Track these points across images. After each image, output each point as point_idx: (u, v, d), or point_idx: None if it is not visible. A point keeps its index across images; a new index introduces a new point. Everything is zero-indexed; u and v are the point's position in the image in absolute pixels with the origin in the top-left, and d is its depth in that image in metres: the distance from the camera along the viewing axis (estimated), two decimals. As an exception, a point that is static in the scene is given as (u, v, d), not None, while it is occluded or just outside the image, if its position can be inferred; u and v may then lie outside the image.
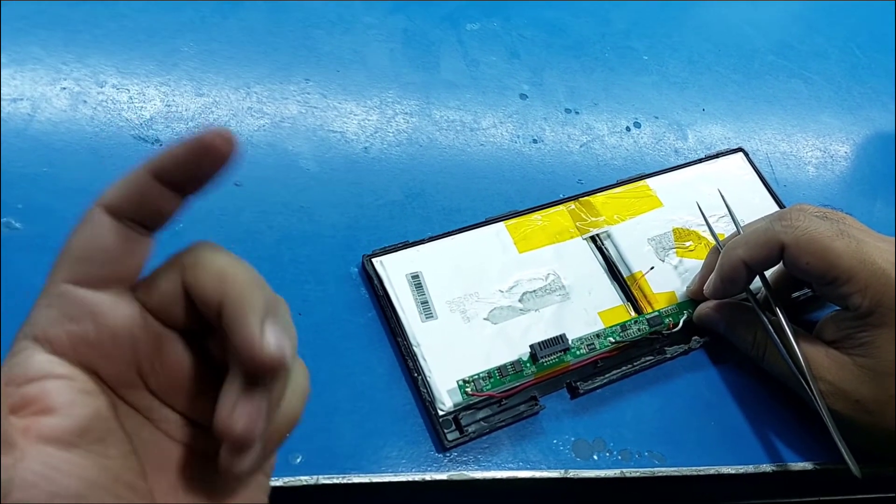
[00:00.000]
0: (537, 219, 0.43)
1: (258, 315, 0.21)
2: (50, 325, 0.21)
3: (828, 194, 0.52)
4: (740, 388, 0.41)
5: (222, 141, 0.22)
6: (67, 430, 0.20)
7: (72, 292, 0.21)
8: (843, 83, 0.60)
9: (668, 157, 0.50)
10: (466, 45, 0.52)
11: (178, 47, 0.45)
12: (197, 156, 0.22)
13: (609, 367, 0.39)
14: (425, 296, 0.39)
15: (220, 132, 0.22)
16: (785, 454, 0.39)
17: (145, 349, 0.23)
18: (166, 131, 0.42)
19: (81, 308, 0.21)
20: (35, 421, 0.20)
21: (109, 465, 0.21)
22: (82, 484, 0.20)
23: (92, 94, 0.42)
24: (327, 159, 0.44)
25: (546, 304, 0.40)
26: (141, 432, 0.23)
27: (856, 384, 0.35)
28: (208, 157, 0.22)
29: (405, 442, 0.35)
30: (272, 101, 0.45)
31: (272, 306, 0.22)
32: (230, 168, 0.23)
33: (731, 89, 0.56)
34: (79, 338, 0.21)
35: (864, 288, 0.34)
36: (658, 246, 0.44)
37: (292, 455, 0.33)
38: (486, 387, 0.37)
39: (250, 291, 0.22)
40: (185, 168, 0.22)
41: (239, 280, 0.22)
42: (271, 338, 0.21)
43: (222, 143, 0.22)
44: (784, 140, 0.54)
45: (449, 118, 0.48)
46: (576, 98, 0.52)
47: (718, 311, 0.41)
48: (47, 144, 0.39)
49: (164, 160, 0.22)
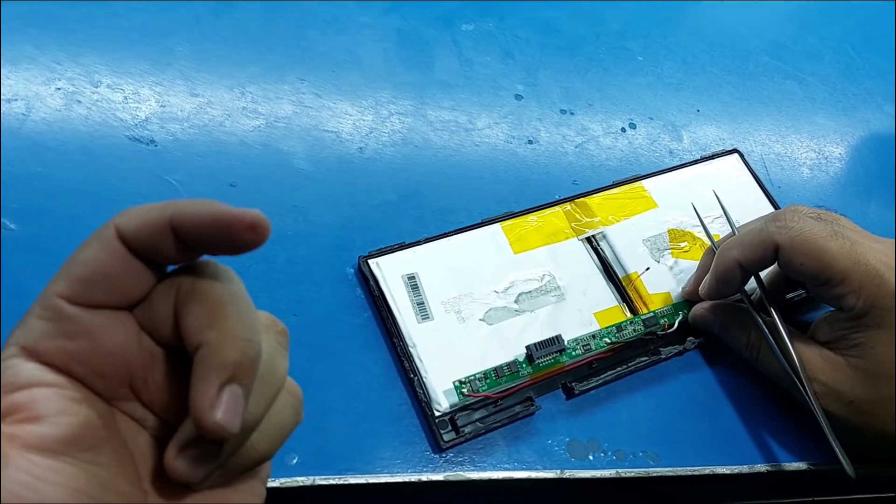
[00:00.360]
0: (533, 220, 0.43)
1: (221, 378, 0.20)
2: (43, 337, 0.21)
3: (822, 195, 0.52)
4: (735, 389, 0.41)
5: (252, 234, 0.21)
6: (54, 439, 0.20)
7: (68, 309, 0.21)
8: (838, 84, 0.60)
9: (663, 158, 0.50)
10: (461, 45, 0.52)
11: (172, 47, 0.45)
12: (221, 235, 0.22)
13: (604, 368, 0.39)
14: (421, 297, 0.39)
15: (256, 222, 0.21)
16: (779, 454, 0.39)
17: (139, 367, 0.22)
18: (161, 131, 0.41)
19: (77, 326, 0.21)
20: (21, 429, 0.20)
21: (99, 472, 0.21)
22: (67, 492, 0.19)
23: (86, 94, 0.42)
24: (322, 159, 0.43)
25: (541, 305, 0.40)
26: (137, 439, 0.23)
27: (850, 385, 0.35)
28: (232, 242, 0.22)
29: (401, 442, 0.35)
30: (266, 101, 0.45)
31: (246, 363, 0.21)
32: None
33: (725, 90, 0.56)
34: (72, 354, 0.21)
35: (859, 289, 0.35)
36: (653, 247, 0.44)
37: (288, 456, 0.33)
38: (483, 387, 0.37)
39: (229, 344, 0.21)
40: (205, 240, 0.22)
41: (225, 327, 0.21)
42: (219, 411, 0.20)
43: (251, 236, 0.21)
44: (778, 141, 0.54)
45: (444, 118, 0.48)
46: (571, 99, 0.52)
47: (713, 312, 0.41)
48: (41, 144, 0.39)
49: (188, 221, 0.21)
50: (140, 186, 0.39)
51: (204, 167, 0.41)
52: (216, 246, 0.22)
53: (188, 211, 0.22)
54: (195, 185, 0.40)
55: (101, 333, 0.21)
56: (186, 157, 0.41)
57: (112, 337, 0.22)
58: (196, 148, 0.41)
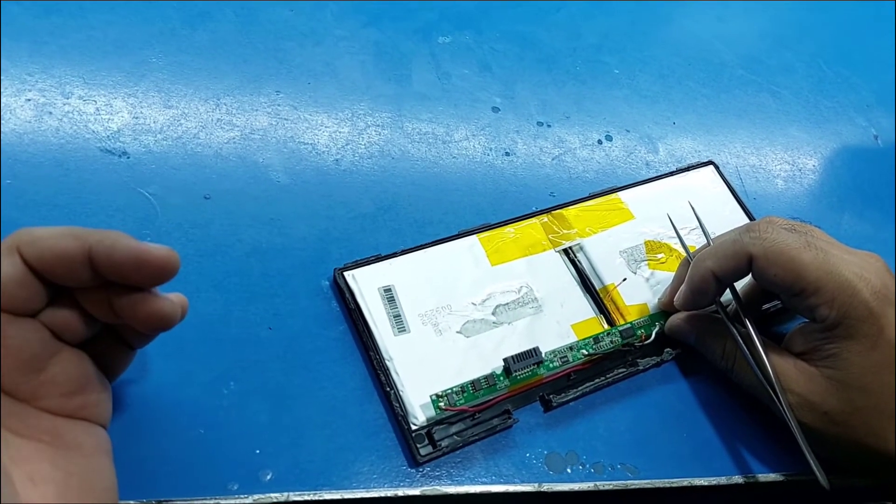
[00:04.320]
0: (510, 231, 0.43)
1: None
2: None
3: (797, 207, 0.53)
4: (711, 400, 0.41)
5: (163, 274, 0.26)
6: None
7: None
8: (811, 97, 0.61)
9: (640, 169, 0.51)
10: (438, 57, 0.52)
11: (146, 59, 0.45)
12: (138, 271, 0.25)
13: (582, 380, 0.39)
14: (398, 309, 0.38)
15: (169, 262, 0.26)
16: (755, 466, 0.39)
17: None
18: (134, 143, 0.41)
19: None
20: None
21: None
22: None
23: (57, 106, 0.41)
24: (298, 171, 0.43)
25: (519, 317, 0.40)
26: None
27: (824, 396, 0.35)
28: (146, 278, 0.26)
29: (377, 457, 0.35)
30: (242, 113, 0.45)
31: None
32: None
33: (700, 103, 0.57)
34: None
35: (831, 300, 0.35)
36: (630, 258, 0.44)
37: (262, 472, 0.33)
38: (460, 401, 0.36)
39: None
40: (123, 274, 0.25)
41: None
42: None
43: (162, 275, 0.26)
44: (753, 153, 0.55)
45: (421, 130, 0.48)
46: (548, 111, 0.52)
47: (689, 323, 0.41)
48: (11, 156, 0.39)
49: (108, 256, 0.25)
50: (114, 199, 0.39)
51: (178, 180, 0.41)
52: (130, 278, 0.26)
53: (108, 245, 0.25)
54: (169, 198, 0.40)
55: None
56: (160, 170, 0.41)
57: None
58: (170, 160, 0.41)
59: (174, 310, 0.27)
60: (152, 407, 0.33)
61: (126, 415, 0.33)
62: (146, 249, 0.25)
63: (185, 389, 0.34)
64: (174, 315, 0.27)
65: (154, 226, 0.39)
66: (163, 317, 0.27)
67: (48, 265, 0.25)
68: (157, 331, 0.28)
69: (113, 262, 0.25)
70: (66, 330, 0.27)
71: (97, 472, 0.27)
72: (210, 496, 0.32)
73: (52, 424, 0.27)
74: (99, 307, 0.27)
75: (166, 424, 0.33)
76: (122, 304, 0.26)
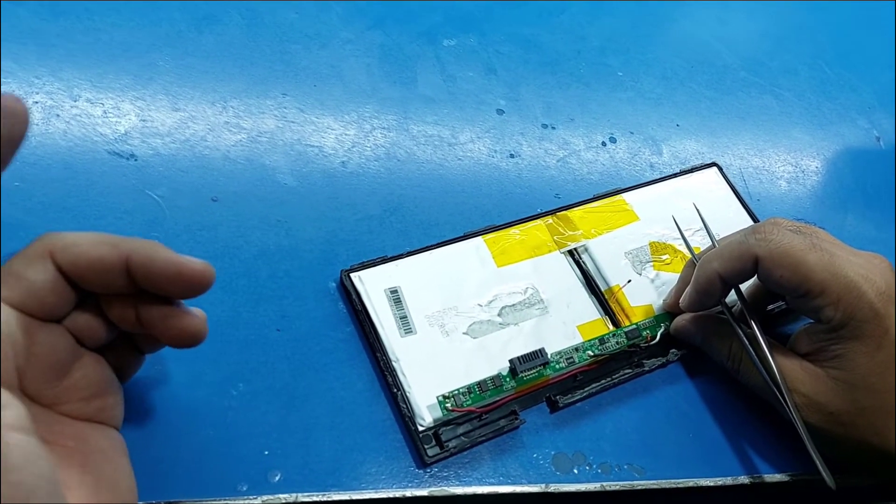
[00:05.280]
0: (515, 233, 0.44)
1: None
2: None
3: (800, 208, 0.53)
4: (717, 401, 0.41)
5: (201, 287, 0.26)
6: None
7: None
8: (813, 99, 0.61)
9: (644, 171, 0.51)
10: (444, 60, 0.52)
11: (154, 62, 0.45)
12: (177, 282, 0.25)
13: (588, 381, 0.39)
14: (404, 310, 0.39)
15: (206, 274, 0.26)
16: (761, 466, 0.39)
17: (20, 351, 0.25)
18: (142, 146, 0.41)
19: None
20: None
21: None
22: None
23: (65, 108, 0.41)
24: (305, 174, 0.43)
25: (525, 318, 0.40)
26: None
27: (830, 396, 0.36)
28: (184, 291, 0.26)
29: (385, 458, 0.35)
30: (249, 116, 0.45)
31: None
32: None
33: (704, 105, 0.57)
34: None
35: (837, 301, 0.35)
36: (635, 259, 0.45)
37: (271, 472, 0.33)
38: (467, 402, 0.37)
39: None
40: (160, 284, 0.25)
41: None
42: None
43: (200, 289, 0.26)
44: (757, 155, 0.55)
45: (427, 133, 0.48)
46: (552, 113, 0.52)
47: (694, 324, 0.41)
48: (20, 159, 0.39)
49: (147, 265, 0.25)
50: (122, 201, 0.39)
51: (186, 182, 0.41)
52: (165, 289, 0.26)
53: (147, 255, 0.25)
54: (177, 200, 0.40)
55: None
56: (168, 173, 0.41)
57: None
58: (178, 163, 0.41)
59: (204, 327, 0.27)
60: (161, 408, 0.34)
61: (136, 417, 0.33)
62: (185, 262, 0.25)
63: (193, 391, 0.34)
64: (204, 332, 0.27)
65: (162, 228, 0.39)
66: (194, 333, 0.27)
67: (82, 272, 0.24)
68: (184, 347, 0.27)
69: (151, 273, 0.25)
70: (89, 335, 0.27)
71: (121, 473, 0.27)
72: (219, 497, 0.32)
73: (74, 429, 0.27)
74: (123, 315, 0.27)
75: (175, 426, 0.33)
76: (153, 317, 0.26)
